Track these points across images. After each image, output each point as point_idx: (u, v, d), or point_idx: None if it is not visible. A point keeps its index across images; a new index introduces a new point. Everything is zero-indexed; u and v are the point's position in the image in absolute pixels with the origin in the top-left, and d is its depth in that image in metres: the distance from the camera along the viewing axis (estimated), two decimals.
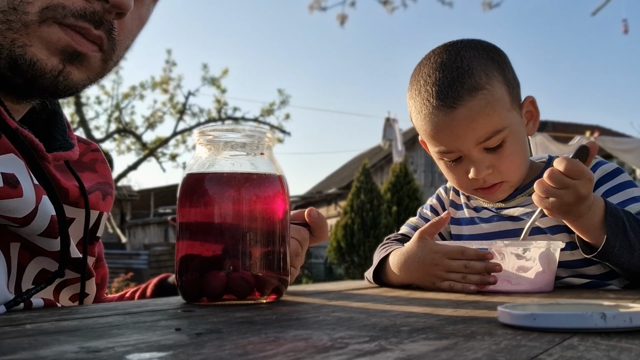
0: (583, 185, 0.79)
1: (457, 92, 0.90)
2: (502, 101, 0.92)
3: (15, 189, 0.57)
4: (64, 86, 0.62)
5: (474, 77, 0.90)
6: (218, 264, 0.60)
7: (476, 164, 0.93)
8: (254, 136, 0.65)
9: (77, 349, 0.34)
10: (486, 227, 1.01)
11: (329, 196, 17.01)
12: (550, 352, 0.34)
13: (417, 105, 0.95)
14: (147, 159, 15.60)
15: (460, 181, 0.98)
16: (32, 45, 0.59)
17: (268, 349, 0.34)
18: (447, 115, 0.90)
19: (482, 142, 0.91)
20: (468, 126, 0.90)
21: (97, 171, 0.81)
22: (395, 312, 0.55)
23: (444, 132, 0.92)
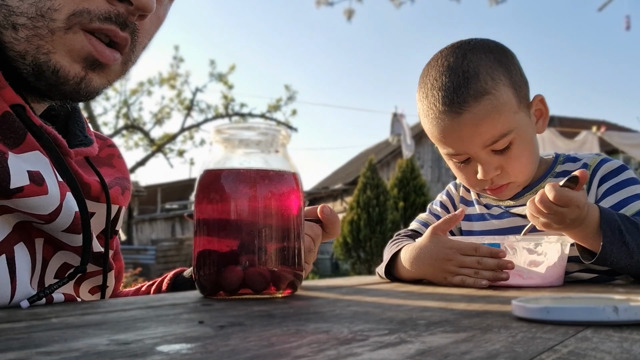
0: (571, 212, 0.81)
1: (462, 97, 0.91)
2: (509, 104, 0.93)
3: (41, 187, 0.59)
4: (85, 92, 0.63)
5: (480, 82, 0.91)
6: (235, 259, 0.62)
7: (484, 165, 0.94)
8: (268, 134, 0.66)
9: (107, 341, 0.36)
10: (497, 223, 1.02)
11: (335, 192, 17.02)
12: (565, 343, 0.35)
13: (425, 108, 0.97)
14: (155, 155, 15.67)
15: (470, 180, 0.99)
16: (56, 52, 0.60)
17: (292, 341, 0.36)
18: (453, 120, 0.92)
19: (489, 145, 0.93)
20: (474, 131, 0.91)
21: (114, 166, 0.83)
22: (410, 307, 0.56)
23: (450, 137, 0.94)
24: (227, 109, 15.97)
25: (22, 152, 0.60)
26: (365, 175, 10.90)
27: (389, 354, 0.32)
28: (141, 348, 0.33)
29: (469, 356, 0.31)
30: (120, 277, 0.87)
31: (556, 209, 0.81)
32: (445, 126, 0.93)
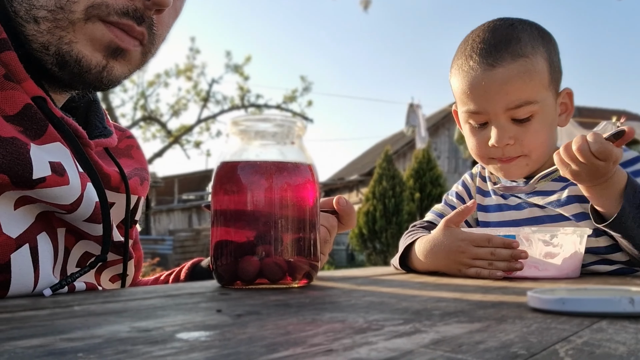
0: (606, 167, 0.81)
1: (500, 53, 0.93)
2: (541, 76, 0.94)
3: (63, 177, 0.60)
4: (107, 80, 0.65)
5: (520, 45, 0.94)
6: (251, 250, 0.62)
7: (499, 130, 0.94)
8: (284, 126, 0.66)
9: (129, 328, 0.37)
10: (514, 214, 1.01)
11: (351, 183, 17.01)
12: (580, 334, 0.35)
13: (460, 62, 0.98)
14: (172, 146, 15.81)
15: (480, 148, 0.99)
16: (78, 42, 0.61)
17: (308, 329, 0.36)
18: (484, 72, 0.93)
19: (512, 109, 0.93)
20: (502, 88, 0.92)
21: (133, 157, 0.84)
22: (425, 297, 0.56)
23: (477, 90, 0.94)
24: (243, 100, 16.02)
25: (43, 143, 0.61)
26: (381, 166, 10.87)
27: (404, 343, 0.32)
28: (161, 335, 0.34)
29: (483, 346, 0.31)
30: (139, 266, 0.89)
31: (593, 161, 0.80)
32: (476, 78, 0.94)
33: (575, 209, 0.94)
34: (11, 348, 0.30)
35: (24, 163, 0.56)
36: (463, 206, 0.94)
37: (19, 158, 0.56)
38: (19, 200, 0.58)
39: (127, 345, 0.31)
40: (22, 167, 0.56)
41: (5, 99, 0.58)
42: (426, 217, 1.14)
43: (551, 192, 0.98)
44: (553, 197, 0.97)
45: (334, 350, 0.30)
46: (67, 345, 0.31)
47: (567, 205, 0.94)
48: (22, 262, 0.58)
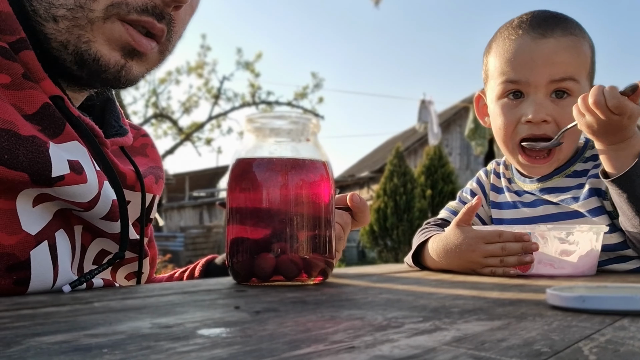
0: (620, 122, 0.80)
1: (551, 26, 0.93)
2: (586, 59, 0.94)
3: (81, 175, 0.61)
4: (125, 79, 0.65)
5: (571, 24, 0.95)
6: (267, 247, 0.63)
7: (537, 105, 0.92)
8: (299, 123, 0.66)
9: (150, 324, 0.37)
10: (528, 211, 1.00)
11: (362, 180, 16.98)
12: (602, 332, 0.35)
13: (506, 33, 0.96)
14: (183, 144, 15.89)
15: (511, 126, 0.96)
16: (96, 41, 0.62)
17: (327, 327, 0.36)
18: (533, 41, 0.93)
19: (557, 81, 0.92)
20: (550, 58, 0.92)
21: (148, 155, 0.85)
22: (442, 295, 0.56)
23: (523, 58, 0.93)
24: (254, 97, 16.06)
25: (61, 142, 0.61)
26: (392, 163, 10.84)
27: (426, 341, 0.32)
28: (183, 331, 0.34)
29: (506, 343, 0.31)
30: (154, 263, 0.89)
31: (609, 115, 0.80)
32: (523, 46, 0.93)
33: (591, 204, 0.93)
34: (37, 344, 0.31)
35: (43, 161, 0.57)
36: (467, 205, 0.91)
37: (39, 156, 0.57)
38: (37, 197, 0.58)
39: (150, 341, 0.31)
40: (41, 166, 0.57)
41: (24, 98, 0.59)
42: (440, 214, 1.13)
43: (567, 188, 0.97)
44: (569, 193, 0.96)
45: (356, 347, 0.30)
46: (91, 341, 0.31)
47: (584, 201, 0.93)
48: (41, 258, 0.58)
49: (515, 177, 1.05)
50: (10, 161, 0.55)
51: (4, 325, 0.37)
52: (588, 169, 0.97)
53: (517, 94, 0.95)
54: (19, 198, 0.57)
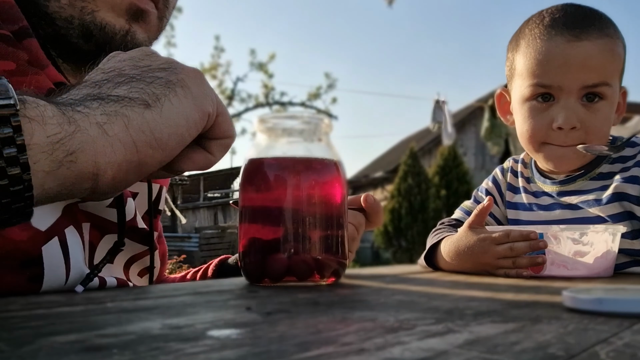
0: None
1: (587, 27, 0.88)
2: (620, 61, 0.91)
3: None
4: (132, 44, 0.67)
5: (606, 24, 0.90)
6: (279, 247, 0.62)
7: (568, 110, 0.88)
8: (311, 123, 0.66)
9: (160, 325, 0.37)
10: (544, 214, 0.98)
11: (376, 180, 16.95)
12: (620, 335, 0.34)
13: (537, 32, 0.91)
14: None
15: (539, 130, 0.92)
16: (99, 9, 0.64)
17: (339, 328, 0.36)
18: (568, 43, 0.88)
19: (589, 87, 0.88)
20: (584, 63, 0.87)
21: None
22: (456, 296, 0.55)
23: (556, 61, 0.89)
24: (268, 98, 16.11)
25: None
26: (406, 163, 10.80)
27: (437, 344, 0.31)
28: (193, 332, 0.34)
29: (519, 347, 0.31)
30: (164, 260, 0.89)
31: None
32: (556, 48, 0.88)
33: (614, 209, 0.90)
34: (49, 343, 0.31)
35: None
36: (479, 207, 0.88)
37: None
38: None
39: (159, 342, 0.31)
40: None
41: (29, 84, 0.58)
42: (454, 214, 1.12)
43: (589, 190, 0.93)
44: (591, 196, 0.92)
45: (366, 349, 0.30)
46: (102, 341, 0.32)
47: (606, 205, 0.90)
48: (53, 254, 0.59)
49: (535, 177, 1.02)
50: None
51: (18, 325, 0.37)
52: (615, 171, 0.93)
53: (547, 96, 0.91)
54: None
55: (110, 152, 0.45)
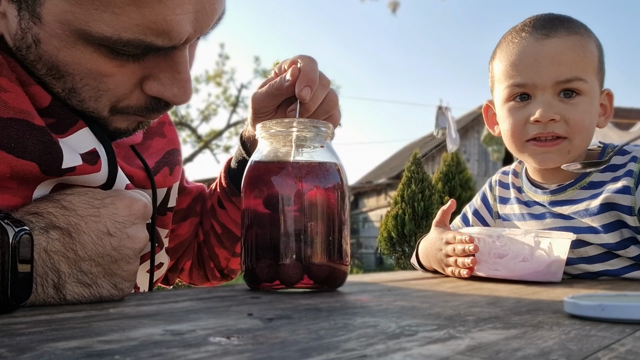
0: None
1: (555, 26, 0.92)
2: (592, 58, 0.92)
3: (94, 166, 0.61)
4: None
5: (575, 25, 0.93)
6: (279, 252, 0.62)
7: (545, 104, 0.90)
8: (313, 129, 0.66)
9: (162, 331, 0.37)
10: (535, 224, 0.97)
11: (379, 186, 16.94)
12: (622, 342, 0.34)
13: (510, 37, 0.95)
14: (202, 151, 16.02)
15: (519, 126, 0.93)
16: (112, 124, 0.64)
17: (340, 334, 0.36)
18: (537, 42, 0.91)
19: (561, 82, 0.89)
20: (554, 59, 0.90)
21: (165, 135, 0.84)
22: (457, 302, 0.55)
23: (528, 60, 0.91)
24: None
25: (76, 130, 0.61)
26: (409, 169, 10.77)
27: (439, 350, 0.31)
28: (195, 338, 0.34)
29: (521, 353, 0.31)
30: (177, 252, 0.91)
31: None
32: (527, 48, 0.91)
33: (605, 219, 0.89)
34: (51, 349, 0.31)
35: (54, 152, 0.57)
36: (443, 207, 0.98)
37: (50, 147, 0.56)
38: (55, 188, 0.58)
39: (161, 348, 0.31)
40: (51, 156, 0.56)
41: (33, 94, 0.59)
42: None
43: (580, 200, 0.92)
44: (581, 205, 0.92)
45: (367, 356, 0.30)
46: (104, 347, 0.32)
47: (598, 215, 0.89)
48: None
49: (525, 186, 1.01)
50: (18, 150, 0.54)
51: (20, 331, 0.37)
52: (605, 180, 0.92)
53: (524, 96, 0.93)
54: (37, 191, 0.57)
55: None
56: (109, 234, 0.53)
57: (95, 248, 0.52)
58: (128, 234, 0.55)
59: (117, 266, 0.54)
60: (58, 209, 0.52)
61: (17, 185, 0.55)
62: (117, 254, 0.54)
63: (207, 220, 0.93)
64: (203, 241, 0.95)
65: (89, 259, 0.52)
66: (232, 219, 0.89)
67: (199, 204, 0.94)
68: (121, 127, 0.65)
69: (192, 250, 0.95)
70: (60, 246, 0.51)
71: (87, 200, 0.54)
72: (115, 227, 0.54)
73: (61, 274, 0.51)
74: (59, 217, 0.52)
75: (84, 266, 0.52)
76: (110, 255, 0.53)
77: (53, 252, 0.50)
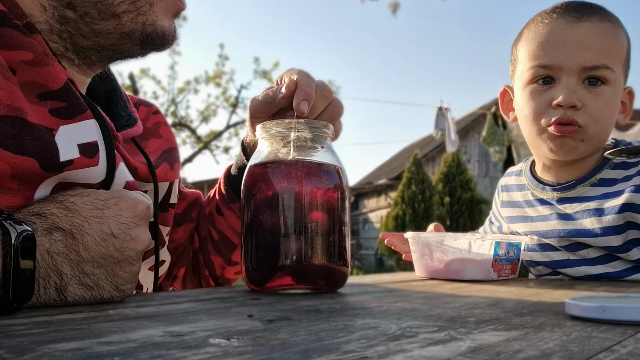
0: None
1: (587, 11, 0.90)
2: (622, 49, 0.91)
3: (92, 159, 0.60)
4: (174, 39, 0.72)
5: (607, 12, 0.91)
6: (279, 254, 0.62)
7: (568, 89, 0.88)
8: (313, 130, 0.66)
9: (162, 333, 0.37)
10: (539, 225, 0.96)
11: (379, 187, 16.93)
12: (623, 343, 0.34)
13: (539, 18, 0.93)
14: (202, 152, 16.02)
15: (540, 109, 0.91)
16: (158, 18, 0.68)
17: (340, 336, 0.36)
18: (568, 24, 0.89)
19: (588, 68, 0.87)
20: (584, 43, 0.88)
21: (161, 136, 0.84)
22: (458, 304, 0.55)
23: (557, 41, 0.89)
24: None
25: (82, 120, 0.61)
26: (410, 170, 10.79)
27: (440, 351, 0.31)
28: (195, 340, 0.34)
29: (522, 354, 0.31)
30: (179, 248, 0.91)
31: None
32: (557, 29, 0.90)
33: (618, 220, 0.87)
34: (50, 351, 0.31)
35: (49, 147, 0.56)
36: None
37: (45, 143, 0.56)
38: (55, 187, 0.58)
39: (161, 349, 0.31)
40: (48, 152, 0.56)
41: (47, 75, 0.59)
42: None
43: (590, 198, 0.91)
44: (591, 203, 0.90)
45: (368, 357, 0.30)
46: (103, 349, 0.32)
47: (608, 216, 0.88)
48: None
49: (531, 184, 1.00)
50: (16, 146, 0.54)
51: (20, 332, 0.37)
52: (617, 178, 0.90)
53: (548, 79, 0.90)
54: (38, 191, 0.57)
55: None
56: (112, 235, 0.53)
57: (99, 249, 0.52)
58: (131, 235, 0.54)
59: (119, 267, 0.54)
60: (61, 210, 0.52)
61: (19, 185, 0.55)
62: (120, 255, 0.54)
63: (204, 227, 0.92)
64: (199, 248, 0.94)
65: (91, 260, 0.52)
66: (230, 226, 0.88)
67: (195, 210, 0.93)
68: (169, 7, 0.69)
69: (186, 256, 0.94)
70: (63, 248, 0.51)
71: (91, 201, 0.54)
72: (118, 229, 0.54)
73: (63, 275, 0.51)
74: (62, 219, 0.52)
75: (86, 268, 0.52)
76: (113, 256, 0.53)
77: (56, 254, 0.50)
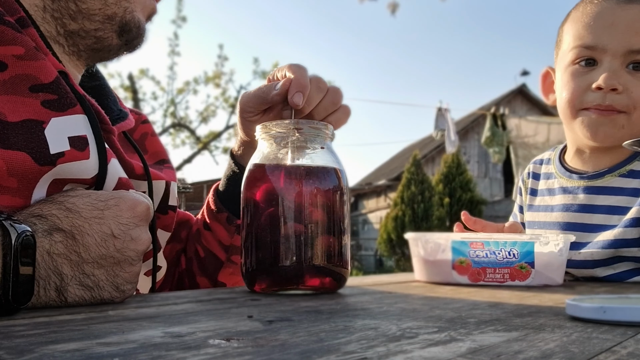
0: None
1: None
2: None
3: (83, 152, 0.60)
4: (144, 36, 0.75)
5: None
6: (280, 254, 0.62)
7: (610, 71, 0.86)
8: (313, 130, 0.66)
9: (162, 333, 0.37)
10: (560, 216, 0.95)
11: (379, 188, 16.94)
12: (624, 344, 0.34)
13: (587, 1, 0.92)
14: (201, 153, 16.01)
15: (577, 92, 0.90)
16: (136, 10, 0.72)
17: (340, 337, 0.36)
18: (618, 5, 0.88)
19: (634, 52, 0.86)
20: (632, 26, 0.87)
21: (147, 151, 0.84)
22: (458, 304, 0.55)
23: (604, 22, 0.88)
24: None
25: (72, 113, 0.60)
26: (409, 171, 10.80)
27: (440, 352, 0.31)
28: (195, 341, 0.34)
29: (523, 355, 0.31)
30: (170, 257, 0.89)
31: None
32: (606, 9, 0.88)
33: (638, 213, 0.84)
34: (50, 352, 0.31)
35: (38, 140, 0.56)
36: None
37: (33, 137, 0.56)
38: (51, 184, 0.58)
39: (161, 350, 0.31)
40: (37, 145, 0.56)
41: (39, 68, 0.59)
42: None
43: (619, 190, 0.89)
44: (621, 197, 0.88)
45: (368, 358, 0.30)
46: (103, 349, 0.31)
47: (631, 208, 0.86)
48: None
49: (559, 171, 0.98)
50: (3, 141, 0.54)
51: (20, 334, 0.37)
52: None
53: (590, 61, 0.89)
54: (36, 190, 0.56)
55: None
56: (113, 235, 0.53)
57: (99, 250, 0.52)
58: (132, 236, 0.54)
59: (119, 268, 0.54)
60: (62, 211, 0.52)
61: (17, 183, 0.55)
62: (120, 255, 0.54)
63: (191, 246, 0.91)
64: (185, 270, 0.92)
65: (92, 261, 0.52)
66: (218, 240, 0.86)
67: (185, 231, 0.91)
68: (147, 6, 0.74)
69: (171, 279, 0.92)
70: (63, 249, 0.50)
71: (91, 202, 0.54)
72: (119, 229, 0.54)
73: (64, 276, 0.50)
74: (63, 220, 0.52)
75: (86, 269, 0.52)
76: (113, 257, 0.53)
77: (56, 255, 0.50)
